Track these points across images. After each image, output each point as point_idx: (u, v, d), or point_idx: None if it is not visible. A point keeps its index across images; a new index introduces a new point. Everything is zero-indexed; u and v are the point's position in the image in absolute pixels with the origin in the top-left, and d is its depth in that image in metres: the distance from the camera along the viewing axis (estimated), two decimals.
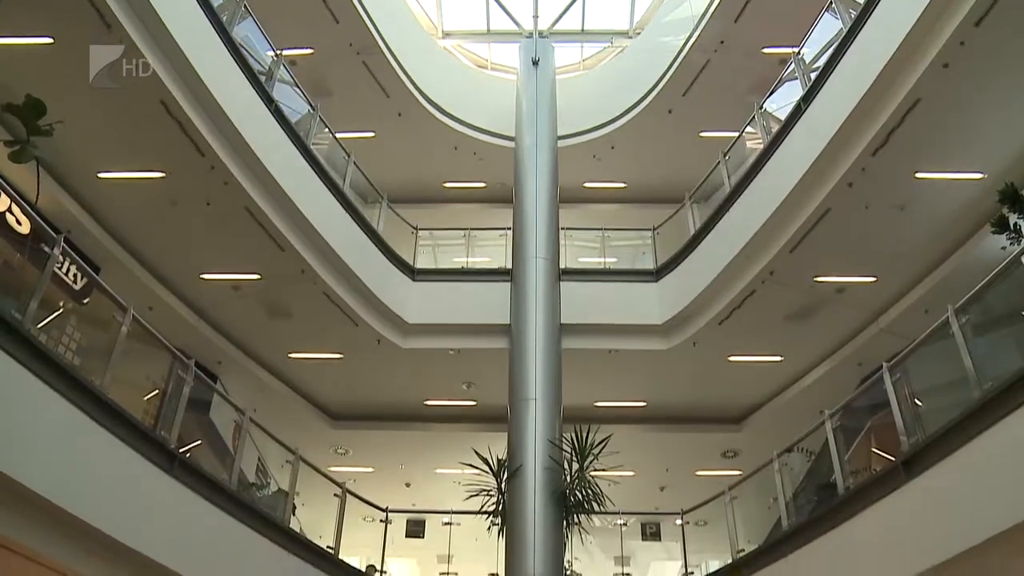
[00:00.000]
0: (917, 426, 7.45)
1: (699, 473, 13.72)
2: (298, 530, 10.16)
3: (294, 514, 10.39)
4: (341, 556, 10.57)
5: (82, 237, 9.87)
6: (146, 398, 7.86)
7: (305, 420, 13.23)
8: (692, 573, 11.26)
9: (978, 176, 9.24)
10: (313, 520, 11.04)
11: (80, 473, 6.60)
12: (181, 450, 7.86)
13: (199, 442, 9.08)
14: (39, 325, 6.44)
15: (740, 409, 13.56)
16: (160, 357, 8.12)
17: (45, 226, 6.94)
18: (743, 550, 10.30)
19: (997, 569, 6.44)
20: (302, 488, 10.65)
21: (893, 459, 7.67)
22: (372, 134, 15.06)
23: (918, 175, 9.29)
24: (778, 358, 12.35)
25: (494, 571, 11.12)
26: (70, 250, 7.33)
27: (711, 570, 11.17)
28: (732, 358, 12.40)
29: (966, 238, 9.94)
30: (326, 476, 11.26)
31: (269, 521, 9.29)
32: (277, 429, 10.24)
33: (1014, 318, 7.29)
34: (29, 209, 6.91)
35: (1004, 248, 6.67)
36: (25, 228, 7.14)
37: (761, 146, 11.22)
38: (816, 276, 10.82)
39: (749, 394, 13.25)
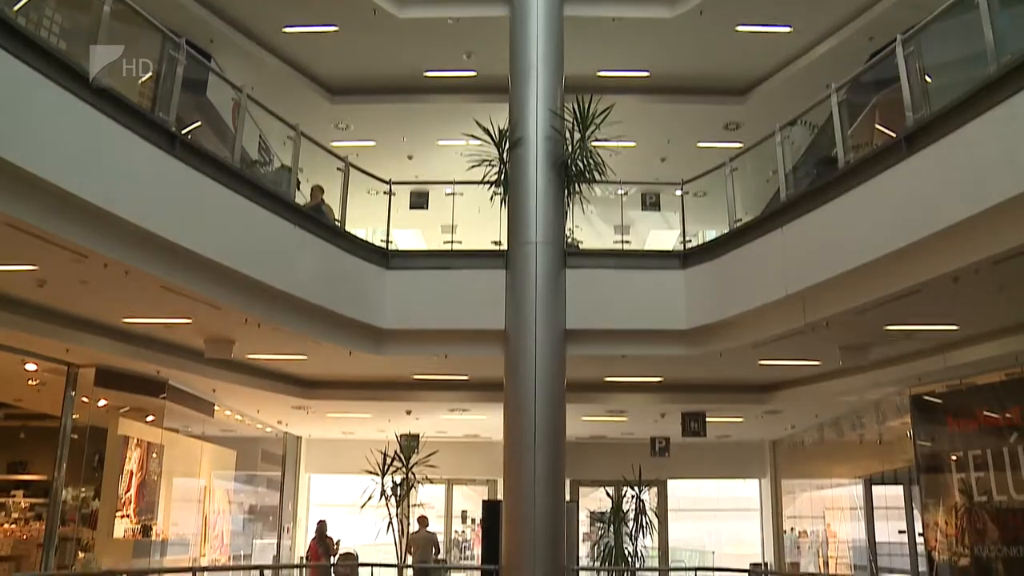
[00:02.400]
0: (924, 102, 7.36)
1: (700, 145, 13.74)
2: (303, 205, 10.41)
3: (298, 189, 10.59)
4: (347, 228, 10.91)
5: None
6: (140, 82, 7.67)
7: (304, 96, 13.02)
8: (690, 241, 11.64)
9: None
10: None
11: (83, 158, 6.62)
12: (182, 131, 7.84)
13: (199, 123, 9.02)
14: (16, 8, 6.15)
15: (745, 81, 13.26)
16: (151, 39, 7.85)
17: None
18: (740, 219, 10.60)
19: (989, 239, 6.68)
20: (305, 164, 10.74)
21: (895, 135, 7.68)
22: None
23: None
24: (787, 28, 11.88)
25: (496, 239, 11.47)
26: None
27: (708, 239, 11.57)
28: (740, 28, 11.93)
29: None
30: (328, 151, 11.33)
31: (275, 196, 9.49)
32: (276, 107, 10.12)
33: None
34: None
35: None
36: None
37: None
38: None
39: (755, 65, 12.87)
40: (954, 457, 11.39)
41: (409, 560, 14.58)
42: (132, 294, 8.66)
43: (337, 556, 14.98)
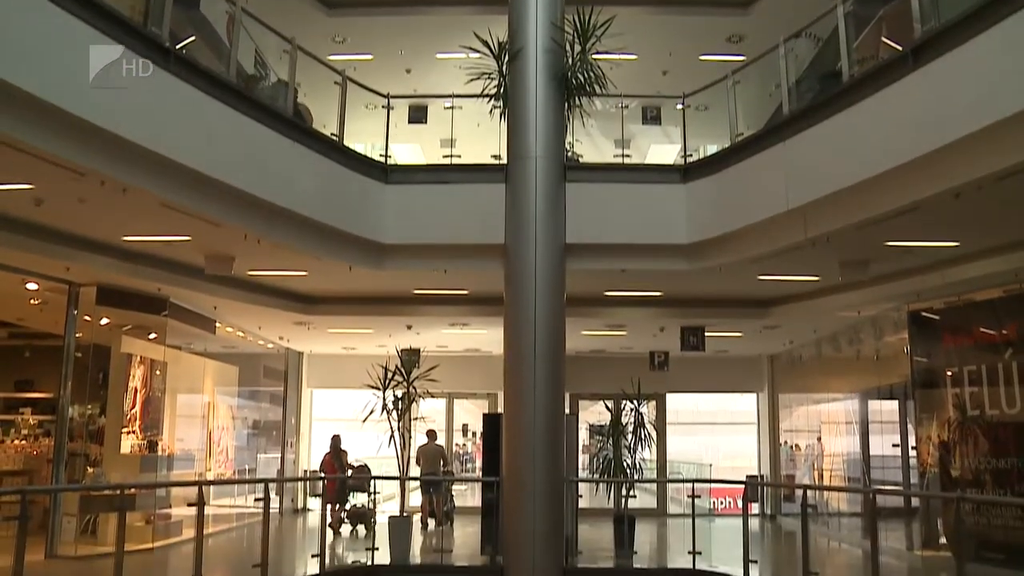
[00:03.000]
0: (933, 13, 7.20)
1: (703, 58, 13.49)
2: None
3: (296, 104, 10.46)
4: (346, 143, 10.81)
5: None
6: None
7: (300, 9, 12.67)
8: (691, 156, 11.54)
9: None
10: (316, 111, 11.10)
11: (76, 74, 6.51)
12: (176, 46, 7.70)
13: (192, 38, 8.84)
14: None
15: None
16: None
17: None
18: (742, 134, 10.50)
19: (994, 155, 6.62)
20: (302, 79, 10.57)
21: (901, 48, 7.55)
22: None
23: None
24: None
25: (496, 153, 11.40)
26: None
27: (709, 153, 11.48)
28: None
29: None
30: (325, 64, 11.14)
31: (272, 112, 9.38)
32: (271, 20, 9.90)
33: None
34: None
35: None
36: None
37: None
38: None
39: None
40: (949, 373, 11.53)
41: (416, 472, 14.94)
42: (131, 212, 8.64)
43: (350, 470, 15.26)
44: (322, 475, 15.17)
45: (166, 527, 11.90)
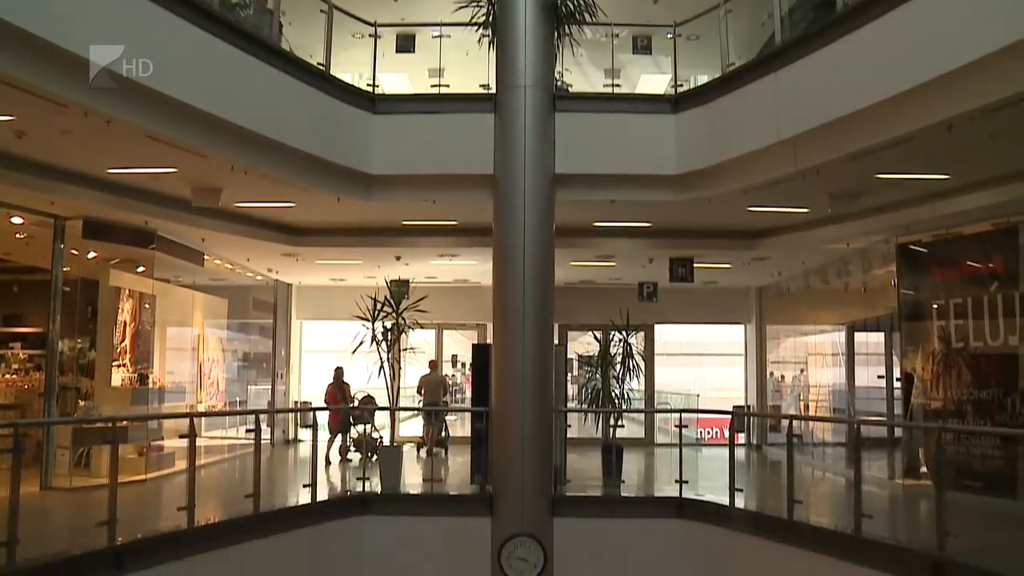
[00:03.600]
0: None
1: None
2: (287, 49, 10.12)
3: (281, 33, 10.28)
4: (333, 73, 10.64)
5: None
6: None
7: None
8: (681, 86, 11.42)
9: None
10: (302, 40, 10.91)
11: (49, 3, 6.36)
12: None
13: None
14: None
15: None
16: None
17: None
18: (733, 64, 10.38)
19: (988, 86, 6.57)
20: (287, 7, 10.41)
21: None
22: None
23: None
24: None
25: (484, 82, 11.25)
26: None
27: (700, 84, 11.35)
28: None
29: None
30: None
31: (257, 40, 9.20)
32: None
33: None
34: None
35: None
36: None
37: None
38: None
39: None
40: (935, 305, 11.61)
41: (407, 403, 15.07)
42: (115, 144, 8.54)
43: (355, 401, 15.42)
44: (323, 407, 15.28)
45: (159, 459, 12.01)
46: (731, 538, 9.61)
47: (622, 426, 12.26)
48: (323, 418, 14.96)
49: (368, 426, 14.30)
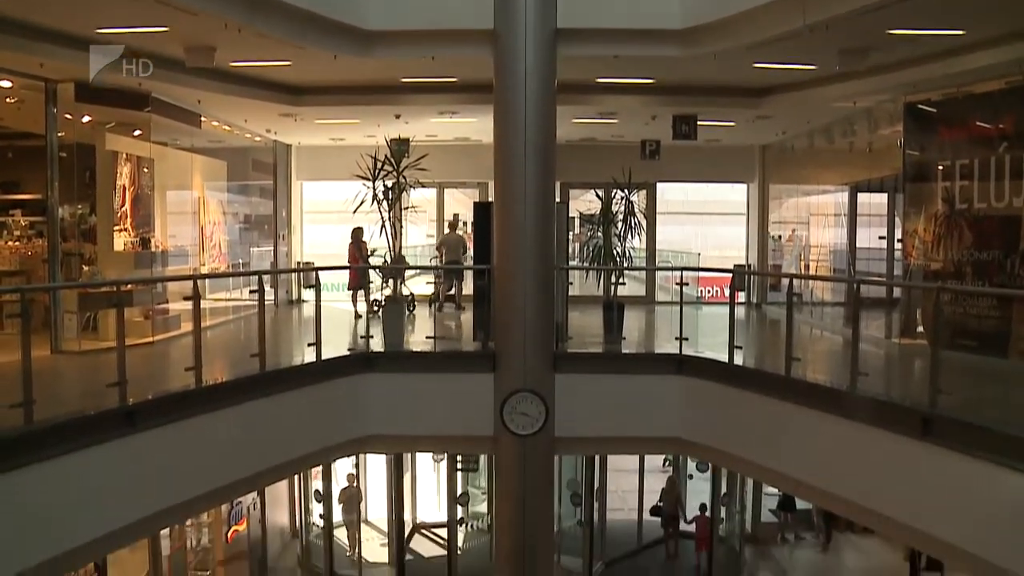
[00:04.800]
0: None
1: None
2: None
3: None
4: None
5: None
6: None
7: None
8: None
9: None
10: None
11: None
12: None
13: None
14: None
15: None
16: None
17: None
18: None
19: None
20: None
21: None
22: None
23: None
24: None
25: None
26: None
27: None
28: None
29: None
30: None
31: None
32: None
33: None
34: None
35: None
36: None
37: None
38: None
39: None
40: (941, 166, 11.49)
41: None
42: (103, 1, 8.24)
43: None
44: (326, 267, 15.32)
45: (164, 322, 12.18)
46: (730, 394, 9.80)
47: (623, 284, 12.35)
48: (343, 277, 15.26)
49: (398, 281, 14.41)
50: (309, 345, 10.26)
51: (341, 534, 16.39)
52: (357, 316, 14.15)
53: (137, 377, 7.76)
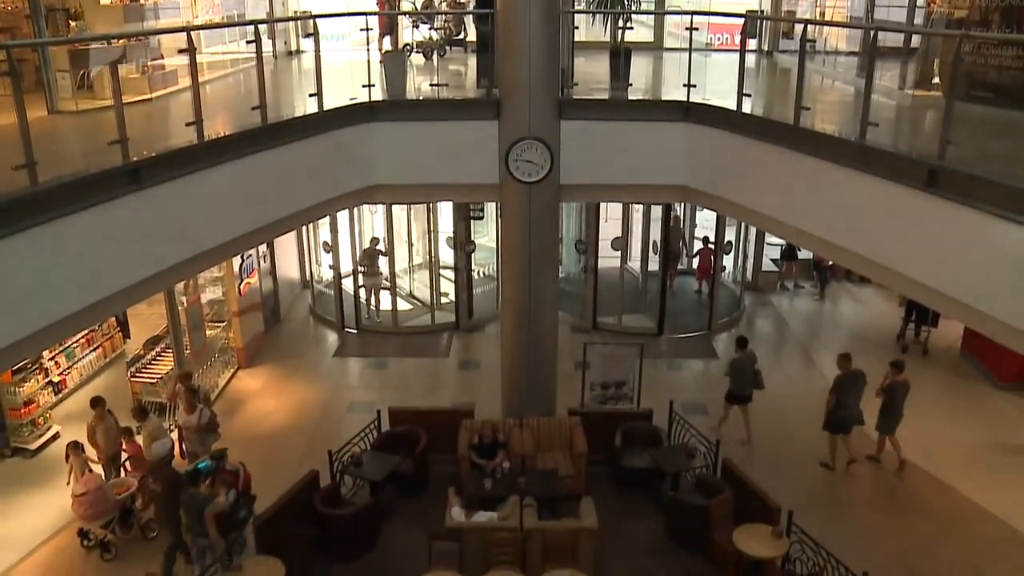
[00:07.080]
0: None
1: None
2: None
3: None
4: None
5: None
6: None
7: None
8: None
9: None
10: None
11: None
12: None
13: None
14: None
15: None
16: None
17: None
18: None
19: None
20: None
21: None
22: None
23: None
24: None
25: None
26: None
27: None
28: None
29: None
30: None
31: None
32: None
33: None
34: None
35: None
36: None
37: None
38: None
39: None
40: None
41: None
42: None
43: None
44: (325, 14, 14.60)
45: (162, 77, 11.69)
46: (736, 143, 9.69)
47: (631, 28, 11.91)
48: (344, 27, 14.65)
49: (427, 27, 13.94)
50: (311, 96, 10.01)
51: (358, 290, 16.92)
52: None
53: (138, 135, 7.61)
